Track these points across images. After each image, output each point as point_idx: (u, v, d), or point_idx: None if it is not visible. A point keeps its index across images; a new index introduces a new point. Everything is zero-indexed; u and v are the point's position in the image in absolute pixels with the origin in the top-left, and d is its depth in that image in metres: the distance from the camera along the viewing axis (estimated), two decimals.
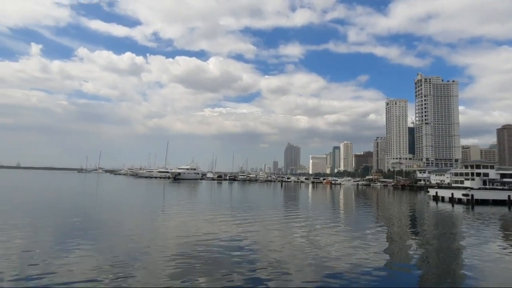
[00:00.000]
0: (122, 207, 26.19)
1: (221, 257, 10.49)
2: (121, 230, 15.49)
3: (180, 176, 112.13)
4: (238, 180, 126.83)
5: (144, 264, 9.36)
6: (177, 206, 27.71)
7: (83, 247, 11.14)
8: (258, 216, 21.77)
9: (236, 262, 9.95)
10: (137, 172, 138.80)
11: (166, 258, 10.15)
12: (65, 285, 7.41)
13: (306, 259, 10.78)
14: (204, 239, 13.32)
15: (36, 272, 8.08)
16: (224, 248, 11.87)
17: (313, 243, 13.40)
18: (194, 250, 11.30)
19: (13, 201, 27.45)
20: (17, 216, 18.06)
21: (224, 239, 13.50)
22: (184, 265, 9.38)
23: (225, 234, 14.69)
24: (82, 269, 8.69)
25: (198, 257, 10.35)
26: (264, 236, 14.55)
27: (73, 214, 20.01)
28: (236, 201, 35.46)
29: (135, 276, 8.38)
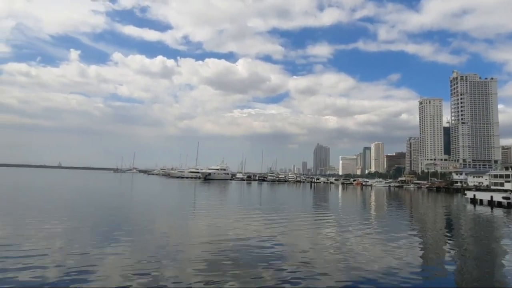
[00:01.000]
0: (155, 207, 27.00)
1: (250, 258, 10.65)
2: (154, 229, 16.03)
3: (210, 176, 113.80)
4: (267, 180, 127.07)
5: (175, 263, 9.67)
6: (207, 206, 28.25)
7: (118, 245, 11.62)
8: (288, 217, 21.85)
9: (265, 263, 10.07)
10: (169, 172, 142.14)
11: (197, 257, 10.40)
12: (101, 282, 7.83)
13: (336, 261, 10.74)
14: (233, 239, 13.51)
15: (74, 270, 8.58)
16: (253, 248, 12.01)
17: (344, 245, 13.30)
18: (223, 250, 11.50)
19: (55, 200, 28.98)
20: (59, 215, 19.09)
21: (254, 239, 13.61)
22: (213, 265, 9.60)
23: (254, 234, 14.82)
24: (118, 267, 9.11)
25: (228, 257, 10.55)
26: (293, 238, 14.59)
27: (110, 212, 20.85)
28: (265, 202, 35.70)
29: (166, 274, 8.69)
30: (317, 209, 30.31)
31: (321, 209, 30.41)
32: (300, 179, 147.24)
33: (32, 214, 18.34)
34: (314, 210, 29.14)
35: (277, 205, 31.33)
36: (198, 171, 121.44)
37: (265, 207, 28.79)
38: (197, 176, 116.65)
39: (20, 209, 20.41)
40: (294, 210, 27.47)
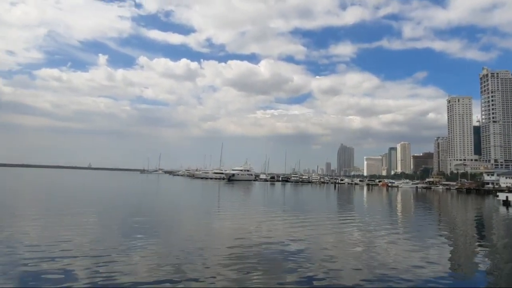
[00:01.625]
0: (181, 207, 27.61)
1: (274, 259, 10.72)
2: (179, 229, 16.41)
3: (234, 177, 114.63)
4: (290, 181, 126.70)
5: (199, 263, 9.86)
6: (231, 207, 28.56)
7: (144, 244, 11.96)
8: (312, 218, 21.80)
9: (289, 265, 10.11)
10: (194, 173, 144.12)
11: (221, 257, 10.56)
12: (126, 281, 8.08)
13: (362, 263, 10.67)
14: (257, 240, 13.58)
15: (101, 269, 8.90)
16: (277, 249, 12.06)
17: (370, 247, 13.16)
18: (247, 251, 11.60)
19: (88, 199, 30.03)
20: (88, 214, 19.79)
21: (278, 240, 13.64)
22: (238, 266, 9.72)
23: (278, 235, 14.85)
24: (143, 266, 9.40)
25: (252, 258, 10.63)
26: (318, 240, 14.54)
27: (137, 212, 21.39)
28: (289, 203, 35.74)
29: (191, 273, 8.90)
30: (342, 211, 30.10)
31: (346, 211, 30.19)
32: (324, 180, 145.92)
33: (67, 213, 19.15)
34: (338, 211, 28.96)
35: (301, 206, 31.34)
36: (222, 172, 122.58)
37: (289, 208, 28.86)
38: (221, 177, 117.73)
39: (57, 208, 21.35)
40: (318, 211, 27.40)
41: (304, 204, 35.18)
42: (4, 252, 9.92)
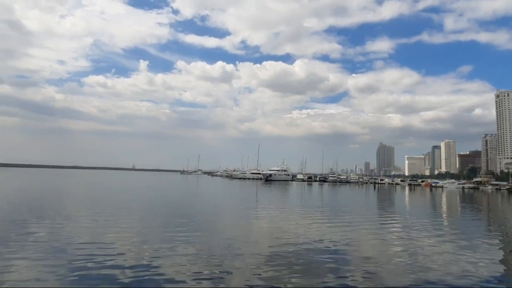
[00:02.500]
0: (220, 207, 28.21)
1: (312, 260, 10.75)
2: (219, 229, 16.87)
3: (271, 177, 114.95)
4: (328, 181, 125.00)
5: (239, 264, 10.09)
6: (269, 207, 28.80)
7: (185, 245, 12.35)
8: (351, 219, 21.55)
9: (328, 267, 10.11)
10: (232, 173, 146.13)
11: (259, 258, 10.73)
12: (167, 280, 8.44)
13: (404, 266, 10.48)
14: (295, 241, 13.61)
15: (144, 269, 9.29)
16: (316, 251, 12.06)
17: (412, 251, 12.79)
18: (285, 252, 11.67)
19: (131, 199, 31.48)
20: (134, 213, 20.88)
21: (316, 242, 13.62)
22: (276, 267, 9.84)
23: (316, 237, 14.81)
24: (184, 266, 9.75)
25: (289, 259, 10.71)
26: (358, 241, 14.41)
27: (178, 212, 22.24)
28: (327, 203, 35.43)
29: (231, 274, 9.16)
30: (383, 211, 29.42)
31: (386, 212, 29.48)
32: (362, 180, 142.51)
33: (112, 212, 20.24)
34: (379, 213, 28.36)
35: (340, 207, 30.99)
36: (259, 172, 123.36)
37: (327, 209, 28.64)
38: (258, 177, 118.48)
39: (104, 208, 22.64)
40: (358, 212, 27.00)
41: (342, 204, 34.74)
42: (54, 252, 10.57)
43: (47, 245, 11.37)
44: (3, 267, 8.82)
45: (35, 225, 15.12)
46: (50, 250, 10.66)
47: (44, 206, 22.58)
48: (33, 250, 10.56)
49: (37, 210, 20.00)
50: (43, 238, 12.46)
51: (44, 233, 13.39)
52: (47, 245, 11.37)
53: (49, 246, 11.24)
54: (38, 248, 10.83)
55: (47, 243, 11.63)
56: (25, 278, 7.92)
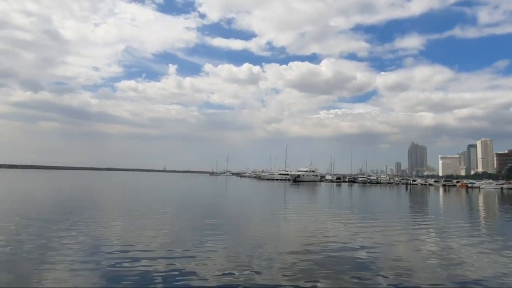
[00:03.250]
0: (248, 208, 28.45)
1: (342, 263, 10.63)
2: (247, 229, 17.03)
3: (299, 178, 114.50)
4: (357, 182, 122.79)
5: (267, 263, 10.19)
6: (297, 208, 28.73)
7: (215, 246, 12.55)
8: (382, 221, 21.10)
9: (357, 268, 10.00)
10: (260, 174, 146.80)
11: (287, 260, 10.74)
12: (197, 281, 8.61)
13: (438, 270, 10.14)
14: (324, 243, 13.48)
15: (174, 269, 9.50)
16: (346, 254, 11.91)
17: (447, 254, 12.37)
18: (314, 254, 11.62)
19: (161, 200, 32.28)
20: (165, 214, 21.44)
21: (346, 245, 13.44)
22: (303, 269, 9.83)
23: (346, 239, 14.60)
24: (214, 265, 10.00)
25: (318, 261, 10.65)
26: (389, 244, 14.04)
27: (208, 213, 22.59)
28: (357, 205, 34.78)
29: (260, 272, 9.29)
30: (415, 214, 28.63)
31: (419, 214, 28.66)
32: (393, 180, 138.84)
33: (145, 213, 20.87)
34: (411, 215, 27.61)
35: (370, 208, 30.39)
36: (287, 173, 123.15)
37: (357, 210, 28.17)
38: (286, 178, 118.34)
39: (136, 208, 23.42)
40: (389, 214, 26.40)
41: (373, 205, 34.07)
42: (89, 251, 10.97)
43: (85, 244, 11.89)
44: (42, 267, 9.35)
45: (74, 224, 15.84)
46: (87, 250, 11.14)
47: (82, 206, 23.62)
48: (71, 249, 11.05)
49: (76, 210, 20.93)
50: (81, 238, 13.03)
51: (82, 232, 14.00)
52: (84, 244, 11.89)
53: (86, 245, 11.76)
54: (75, 247, 11.35)
55: (84, 243, 12.18)
56: (62, 278, 8.29)
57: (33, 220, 16.72)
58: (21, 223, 15.68)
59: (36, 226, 15.05)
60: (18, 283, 7.92)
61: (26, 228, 14.47)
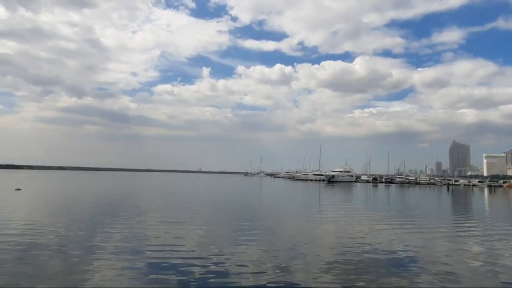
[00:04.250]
0: (283, 209, 28.54)
1: (380, 267, 10.44)
2: (283, 231, 17.08)
3: (334, 178, 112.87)
4: (395, 183, 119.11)
5: (302, 269, 10.15)
6: (332, 209, 28.45)
7: (249, 245, 12.80)
8: (422, 224, 20.40)
9: (395, 273, 9.77)
10: (294, 175, 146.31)
11: (322, 262, 10.71)
12: (236, 279, 8.84)
13: (478, 276, 9.74)
14: (361, 246, 13.22)
15: (210, 271, 9.70)
16: (382, 256, 11.66)
17: (493, 261, 11.73)
18: (350, 257, 11.47)
19: (198, 201, 33.04)
20: (201, 215, 21.98)
21: (383, 248, 13.11)
22: (340, 269, 9.80)
23: (383, 242, 14.23)
24: (250, 265, 10.15)
25: (354, 265, 10.51)
26: (430, 248, 13.60)
27: (243, 214, 22.97)
28: (394, 206, 33.83)
29: (293, 272, 9.38)
30: (458, 216, 27.47)
31: (462, 216, 27.47)
32: (434, 181, 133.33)
33: (182, 213, 21.46)
34: (453, 217, 26.49)
35: (409, 210, 29.49)
36: (321, 174, 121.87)
37: (395, 212, 27.41)
38: (321, 179, 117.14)
39: (174, 209, 24.21)
40: (429, 216, 25.49)
41: (411, 207, 33.02)
42: (131, 251, 11.31)
43: (127, 244, 12.36)
44: (83, 267, 9.88)
45: (115, 224, 16.63)
46: (128, 249, 11.57)
47: (123, 207, 24.75)
48: (111, 250, 11.50)
49: (116, 210, 21.98)
50: (120, 238, 13.60)
51: (121, 232, 14.64)
52: (126, 244, 12.37)
53: (128, 245, 12.20)
54: (115, 248, 11.81)
55: (126, 242, 12.71)
56: (102, 278, 8.59)
57: (81, 219, 17.78)
58: (69, 222, 16.67)
59: (83, 225, 15.99)
60: (65, 282, 8.35)
61: (74, 227, 15.39)
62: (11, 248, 11.24)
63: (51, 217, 18.61)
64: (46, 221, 17.14)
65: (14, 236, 13.05)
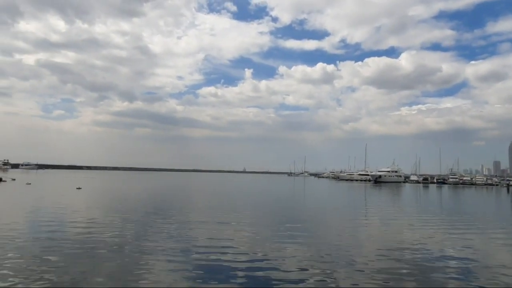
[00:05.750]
0: (328, 210, 28.23)
1: (431, 274, 10.06)
2: (326, 229, 17.15)
3: (381, 179, 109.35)
4: (448, 183, 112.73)
5: (347, 265, 10.26)
6: (379, 211, 27.67)
7: (295, 245, 12.93)
8: (478, 228, 19.35)
9: (446, 279, 9.47)
10: (338, 175, 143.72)
11: (368, 264, 10.60)
12: (280, 281, 9.01)
13: None
14: (410, 251, 12.78)
15: (254, 271, 9.92)
16: (435, 264, 11.17)
17: None
18: (398, 261, 11.20)
19: (243, 200, 33.73)
20: (247, 215, 22.36)
21: (435, 253, 12.58)
22: (386, 275, 9.61)
23: (435, 247, 13.59)
24: (294, 261, 10.47)
25: (403, 269, 10.27)
26: (485, 254, 12.90)
27: (287, 215, 23.14)
28: (448, 209, 32.09)
29: (339, 273, 9.44)
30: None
31: None
32: (492, 181, 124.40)
33: (229, 213, 21.93)
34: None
35: (464, 214, 27.88)
36: (367, 174, 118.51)
37: (448, 216, 26.11)
38: (366, 179, 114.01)
39: (222, 208, 24.86)
40: (487, 219, 24.01)
41: (467, 210, 31.26)
42: (178, 252, 11.66)
43: (174, 245, 12.74)
44: (136, 266, 10.45)
45: (165, 224, 17.45)
46: (176, 250, 11.97)
47: (173, 206, 25.93)
48: (162, 250, 12.00)
49: (167, 210, 23.09)
50: (170, 238, 14.22)
51: (171, 232, 15.34)
52: (174, 245, 12.78)
53: (176, 246, 12.60)
54: (166, 248, 12.30)
55: (174, 243, 13.23)
56: (154, 279, 8.95)
57: (134, 217, 18.93)
58: (124, 221, 17.82)
59: (137, 224, 17.01)
60: (118, 282, 8.81)
61: (128, 225, 16.45)
62: (69, 246, 12.08)
63: (108, 215, 19.95)
64: (103, 219, 18.40)
65: (75, 235, 14.17)
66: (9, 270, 9.05)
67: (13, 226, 15.32)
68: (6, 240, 12.54)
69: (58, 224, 16.28)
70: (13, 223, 16.28)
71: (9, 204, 25.09)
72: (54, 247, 11.67)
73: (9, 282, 8.17)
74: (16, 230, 14.44)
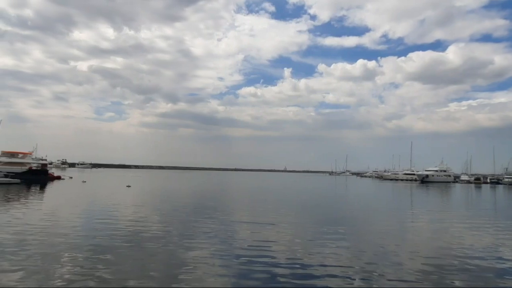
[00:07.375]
0: (372, 211, 27.66)
1: (479, 278, 9.72)
2: (370, 230, 16.94)
3: (428, 178, 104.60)
4: (503, 183, 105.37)
5: (391, 265, 10.18)
6: (427, 212, 26.75)
7: (337, 246, 12.97)
8: None
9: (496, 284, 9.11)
10: (382, 174, 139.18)
11: (414, 267, 10.41)
12: (323, 281, 9.12)
13: None
14: (459, 254, 12.28)
15: (297, 269, 10.14)
16: (485, 267, 10.72)
17: None
18: (446, 264, 10.85)
19: (287, 201, 33.91)
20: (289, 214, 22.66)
21: (486, 257, 12.02)
22: (433, 280, 9.37)
23: (486, 251, 12.98)
24: (335, 260, 10.65)
25: (451, 273, 9.94)
26: None
27: (329, 216, 23.12)
28: (502, 211, 30.34)
29: (383, 274, 9.37)
30: None
31: None
32: None
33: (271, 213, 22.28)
34: None
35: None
36: (413, 173, 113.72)
37: (504, 218, 24.63)
38: (412, 179, 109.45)
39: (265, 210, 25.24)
40: None
41: None
42: (221, 252, 11.91)
43: (217, 247, 12.91)
44: (181, 265, 10.93)
45: (209, 223, 18.08)
46: (220, 250, 12.23)
47: (216, 205, 26.73)
48: (206, 248, 12.37)
49: (211, 208, 23.82)
50: (213, 237, 14.67)
51: (214, 231, 15.79)
52: (217, 246, 13.01)
53: (219, 247, 12.81)
54: (209, 247, 12.64)
55: (217, 244, 13.63)
56: (195, 278, 9.17)
57: (180, 216, 19.92)
58: (170, 219, 18.83)
59: (182, 223, 17.91)
60: (164, 280, 9.05)
61: (174, 224, 17.38)
62: (118, 245, 12.81)
63: (155, 213, 21.13)
64: (151, 217, 19.53)
65: (126, 232, 15.08)
66: (63, 266, 10.00)
67: (71, 221, 16.87)
68: (65, 232, 13.80)
69: (110, 222, 17.30)
70: (72, 217, 17.91)
71: (68, 200, 27.29)
72: (106, 243, 12.48)
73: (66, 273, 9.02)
74: (72, 228, 15.82)
